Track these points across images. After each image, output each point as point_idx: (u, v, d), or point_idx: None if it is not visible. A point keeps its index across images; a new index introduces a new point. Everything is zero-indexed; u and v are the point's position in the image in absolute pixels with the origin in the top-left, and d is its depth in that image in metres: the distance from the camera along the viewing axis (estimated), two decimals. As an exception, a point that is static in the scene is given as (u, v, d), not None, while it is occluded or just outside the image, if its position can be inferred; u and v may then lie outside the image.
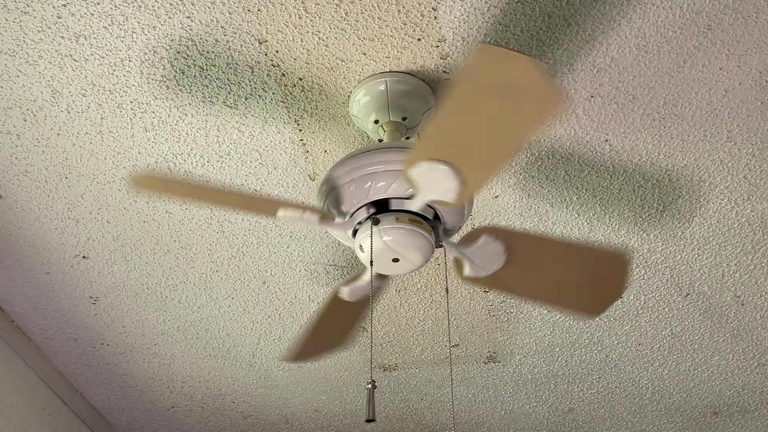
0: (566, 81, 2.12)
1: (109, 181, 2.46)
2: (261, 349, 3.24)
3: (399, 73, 2.10)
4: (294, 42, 2.03)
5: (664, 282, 2.84)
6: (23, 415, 3.10)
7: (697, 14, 1.96)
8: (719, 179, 2.43)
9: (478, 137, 1.69)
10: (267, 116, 2.24)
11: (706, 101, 2.19)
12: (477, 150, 1.72)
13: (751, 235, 2.63)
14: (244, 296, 2.95)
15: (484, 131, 1.68)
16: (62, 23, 1.98)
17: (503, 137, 1.68)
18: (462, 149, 1.73)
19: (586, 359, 3.30)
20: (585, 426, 3.80)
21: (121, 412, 3.69)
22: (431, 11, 1.95)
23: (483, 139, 1.69)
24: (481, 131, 1.68)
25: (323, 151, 2.35)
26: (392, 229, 1.89)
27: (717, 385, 3.42)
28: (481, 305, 2.99)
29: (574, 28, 1.99)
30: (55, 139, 2.31)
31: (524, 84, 1.55)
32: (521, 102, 1.59)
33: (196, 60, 2.07)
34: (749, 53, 2.06)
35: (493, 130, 1.67)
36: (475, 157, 1.74)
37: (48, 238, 2.67)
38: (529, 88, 1.55)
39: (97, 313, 3.03)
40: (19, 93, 2.17)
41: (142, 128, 2.28)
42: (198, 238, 2.67)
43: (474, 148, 1.72)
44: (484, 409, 3.67)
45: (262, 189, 2.47)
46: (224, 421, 3.77)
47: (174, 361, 3.32)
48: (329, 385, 3.50)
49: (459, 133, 1.70)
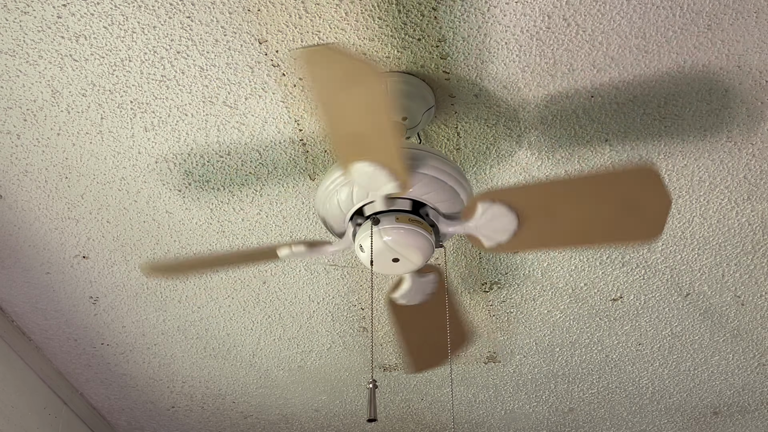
0: (566, 81, 2.13)
1: (109, 181, 2.45)
2: (261, 349, 3.24)
3: (399, 73, 2.10)
4: (294, 42, 2.03)
5: (664, 282, 2.84)
6: (23, 415, 3.10)
7: (697, 14, 1.96)
8: (719, 179, 2.43)
9: (568, 218, 1.92)
10: (267, 116, 2.24)
11: (706, 101, 2.19)
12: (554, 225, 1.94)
13: (751, 235, 2.63)
14: (244, 296, 2.95)
15: (579, 218, 1.94)
16: (62, 23, 1.98)
17: (587, 233, 1.96)
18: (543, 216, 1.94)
19: (586, 359, 3.29)
20: (585, 426, 3.79)
21: (121, 412, 3.69)
22: (431, 11, 1.95)
23: (570, 222, 1.95)
24: (577, 216, 1.93)
25: (323, 151, 2.35)
26: (392, 229, 1.90)
27: (717, 385, 3.42)
28: (481, 305, 2.99)
29: (574, 28, 1.99)
30: (55, 139, 2.31)
31: (649, 211, 1.78)
32: (634, 221, 1.87)
33: (196, 60, 2.07)
34: (749, 53, 2.06)
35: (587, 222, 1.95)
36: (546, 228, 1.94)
37: (48, 238, 2.67)
38: (650, 217, 1.81)
39: (97, 313, 3.03)
40: (19, 93, 2.17)
41: (142, 128, 2.28)
42: (198, 238, 2.67)
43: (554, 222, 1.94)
44: (484, 409, 3.67)
45: (263, 189, 2.47)
46: (224, 421, 3.77)
47: (174, 361, 3.32)
48: (329, 385, 3.50)
49: (554, 204, 1.92)
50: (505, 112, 2.22)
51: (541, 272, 2.81)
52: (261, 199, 2.51)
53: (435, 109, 2.19)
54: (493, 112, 2.22)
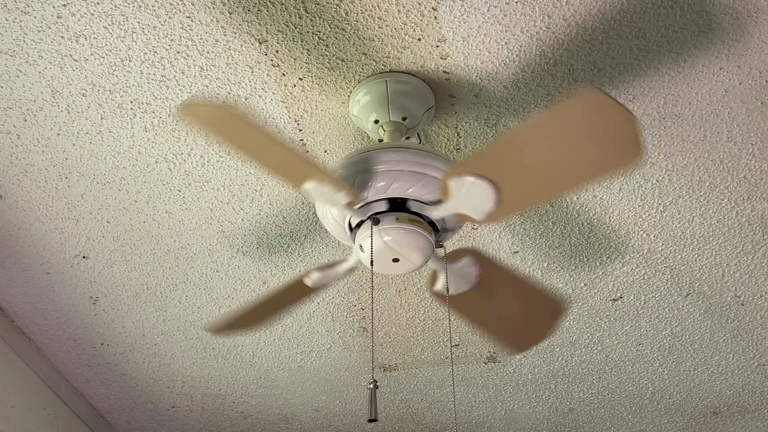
0: (567, 81, 2.12)
1: (109, 181, 2.46)
2: (261, 349, 3.24)
3: (399, 73, 2.10)
4: (294, 42, 2.03)
5: (664, 282, 2.84)
6: (23, 415, 3.10)
7: (697, 14, 1.96)
8: (719, 179, 2.43)
9: (541, 168, 1.75)
10: (267, 116, 2.24)
11: (706, 101, 2.19)
12: (531, 179, 1.78)
13: (751, 235, 2.63)
14: (244, 296, 2.94)
15: (551, 164, 1.74)
16: (62, 23, 1.98)
17: (566, 174, 1.76)
18: (515, 174, 1.78)
19: (586, 359, 3.29)
20: (585, 426, 3.79)
21: (121, 412, 3.69)
22: (431, 11, 1.95)
23: (544, 171, 1.76)
24: (547, 162, 1.74)
25: (323, 151, 2.35)
26: (392, 229, 1.89)
27: (717, 385, 3.42)
28: (481, 305, 2.99)
29: (574, 28, 1.99)
30: (55, 139, 2.31)
31: (614, 133, 1.63)
32: (604, 148, 1.67)
33: (196, 60, 2.07)
34: (749, 53, 2.06)
35: (561, 165, 1.74)
36: (526, 185, 1.80)
37: (48, 238, 2.67)
38: (618, 138, 1.64)
39: (97, 313, 3.03)
40: (19, 93, 2.17)
41: (142, 128, 2.28)
42: (198, 238, 2.67)
43: (529, 176, 1.78)
44: (484, 409, 3.67)
45: (263, 189, 2.47)
46: (224, 421, 3.77)
47: (174, 361, 3.32)
48: (329, 385, 3.50)
49: (521, 158, 1.75)
50: (505, 112, 2.22)
51: (541, 272, 2.81)
52: (261, 199, 2.51)
53: (435, 109, 2.19)
54: (493, 112, 2.22)
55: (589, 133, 1.71)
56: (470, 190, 1.84)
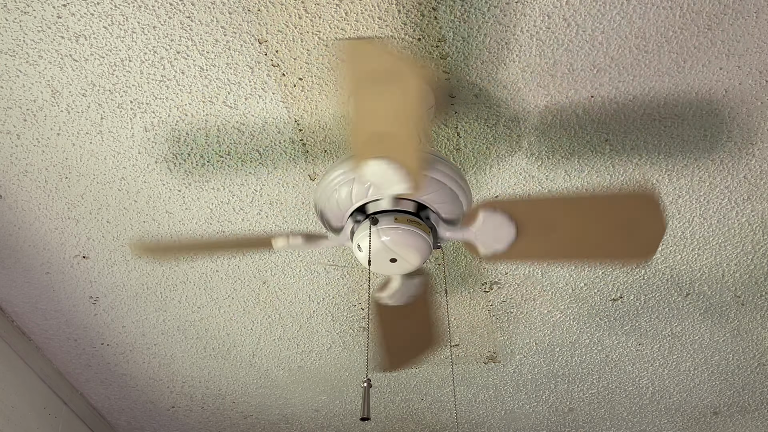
0: (566, 81, 2.13)
1: (109, 181, 2.46)
2: (261, 349, 3.24)
3: (399, 73, 2.10)
4: (294, 42, 2.03)
5: (664, 282, 2.84)
6: (23, 415, 3.10)
7: (697, 14, 1.96)
8: (719, 179, 2.43)
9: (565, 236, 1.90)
10: (267, 117, 2.24)
11: (706, 101, 2.19)
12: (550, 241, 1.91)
13: (751, 235, 2.63)
14: (244, 296, 2.95)
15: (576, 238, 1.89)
16: (62, 23, 1.98)
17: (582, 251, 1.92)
18: (540, 230, 1.90)
19: (586, 359, 3.29)
20: (585, 426, 3.79)
21: (121, 412, 3.69)
22: (431, 11, 1.95)
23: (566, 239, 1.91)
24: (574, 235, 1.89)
25: (323, 151, 2.35)
26: (390, 229, 1.90)
27: (717, 385, 3.42)
28: (481, 305, 2.99)
29: (574, 28, 1.99)
30: (55, 139, 2.31)
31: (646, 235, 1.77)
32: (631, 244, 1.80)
33: (196, 60, 2.07)
34: (749, 53, 2.06)
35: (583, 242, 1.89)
36: (542, 242, 1.92)
37: (48, 238, 2.67)
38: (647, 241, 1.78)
39: (97, 313, 3.03)
40: (19, 93, 2.17)
41: (142, 128, 2.28)
42: (198, 238, 2.67)
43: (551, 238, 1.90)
44: (484, 409, 3.67)
45: (262, 189, 2.47)
46: (224, 421, 3.77)
47: (174, 361, 3.33)
48: (329, 385, 3.50)
49: (554, 220, 1.88)
50: (505, 112, 2.22)
51: (541, 272, 2.81)
52: (261, 199, 2.51)
53: (435, 109, 2.19)
54: (493, 112, 2.22)
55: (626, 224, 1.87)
56: (494, 226, 1.93)
